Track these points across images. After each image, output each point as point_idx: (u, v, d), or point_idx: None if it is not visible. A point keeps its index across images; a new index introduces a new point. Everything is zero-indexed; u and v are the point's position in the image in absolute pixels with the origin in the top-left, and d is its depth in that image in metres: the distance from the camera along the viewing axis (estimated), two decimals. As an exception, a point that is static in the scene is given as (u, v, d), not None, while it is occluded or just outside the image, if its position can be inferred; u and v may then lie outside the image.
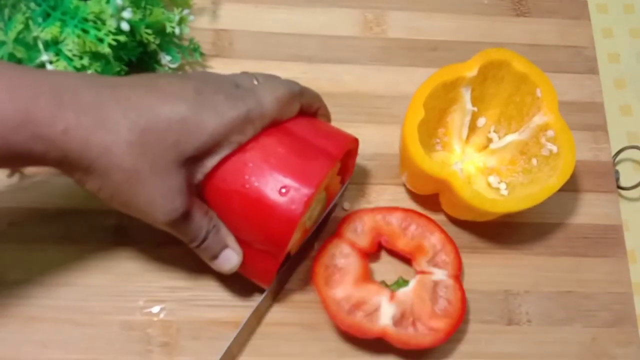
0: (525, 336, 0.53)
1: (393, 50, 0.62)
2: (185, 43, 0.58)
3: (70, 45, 0.50)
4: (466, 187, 0.49)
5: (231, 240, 0.46)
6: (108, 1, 0.50)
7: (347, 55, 0.61)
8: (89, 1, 0.51)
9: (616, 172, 0.59)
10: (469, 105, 0.54)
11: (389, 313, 0.49)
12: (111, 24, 0.50)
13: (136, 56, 0.55)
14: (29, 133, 0.38)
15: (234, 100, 0.43)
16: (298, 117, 0.47)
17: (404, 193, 0.56)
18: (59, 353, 0.49)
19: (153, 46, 0.55)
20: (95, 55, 0.51)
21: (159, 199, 0.42)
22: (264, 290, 0.50)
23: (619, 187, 0.58)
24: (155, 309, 0.51)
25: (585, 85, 0.62)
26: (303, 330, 0.51)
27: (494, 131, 0.56)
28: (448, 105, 0.54)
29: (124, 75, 0.54)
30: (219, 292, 0.52)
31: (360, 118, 0.58)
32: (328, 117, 0.52)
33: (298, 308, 0.52)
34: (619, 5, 0.67)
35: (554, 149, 0.51)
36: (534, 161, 0.53)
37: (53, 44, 0.50)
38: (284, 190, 0.43)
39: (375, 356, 0.50)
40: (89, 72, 0.47)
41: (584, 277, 0.55)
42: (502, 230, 0.56)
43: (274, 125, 0.46)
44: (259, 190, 0.43)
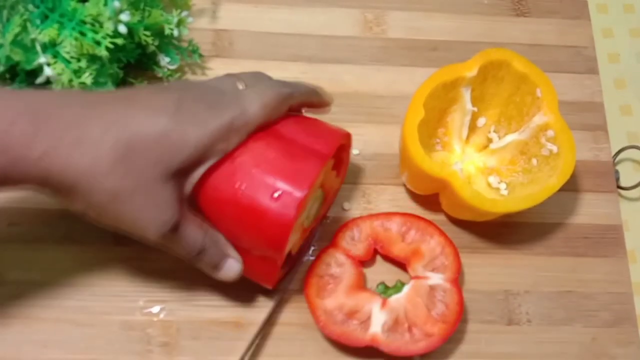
0: (525, 336, 0.53)
1: (393, 50, 0.62)
2: (184, 44, 0.58)
3: (67, 47, 0.50)
4: (466, 187, 0.49)
5: (231, 250, 0.46)
6: (106, 4, 0.50)
7: (347, 55, 0.61)
8: (87, 3, 0.51)
9: (616, 172, 0.59)
10: (469, 105, 0.54)
11: (379, 321, 0.49)
12: (109, 27, 0.50)
13: (135, 58, 0.55)
14: (6, 158, 0.37)
15: (216, 110, 0.42)
16: (287, 117, 0.47)
17: (404, 193, 0.56)
18: (59, 353, 0.49)
19: (152, 48, 0.55)
20: (92, 58, 0.51)
21: (147, 216, 0.41)
22: (264, 291, 0.50)
23: (619, 187, 0.58)
24: (155, 309, 0.51)
25: (585, 85, 0.62)
26: (303, 330, 0.51)
27: (494, 131, 0.56)
28: (448, 105, 0.54)
29: (122, 77, 0.54)
30: (219, 292, 0.52)
31: (360, 118, 0.58)
32: (328, 104, 0.51)
33: (298, 308, 0.52)
34: (619, 5, 0.67)
35: (554, 149, 0.51)
36: (534, 161, 0.53)
37: (51, 46, 0.50)
38: (275, 195, 0.43)
39: (375, 356, 0.50)
40: (67, 89, 0.45)
41: (584, 277, 0.55)
42: (502, 230, 0.56)
43: (261, 128, 0.45)
44: (251, 197, 0.43)
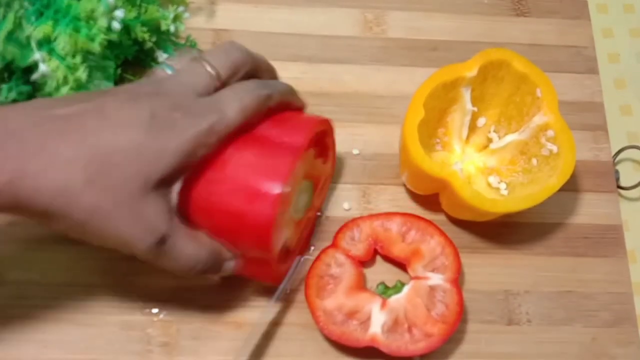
0: (525, 336, 0.53)
1: (393, 50, 0.61)
2: (182, 41, 0.58)
3: (62, 44, 0.49)
4: (466, 187, 0.49)
5: (225, 252, 0.45)
6: (100, 0, 0.50)
7: (347, 55, 0.61)
8: (81, 0, 0.50)
9: (616, 172, 0.59)
10: (469, 105, 0.54)
11: (379, 321, 0.49)
12: (103, 23, 0.50)
13: (132, 54, 0.55)
14: None
15: (194, 116, 0.41)
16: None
17: (404, 193, 0.56)
18: (59, 353, 0.49)
19: (149, 44, 0.55)
20: (87, 54, 0.50)
21: (131, 231, 0.40)
22: (264, 291, 0.50)
23: (619, 187, 0.58)
24: (155, 309, 0.51)
25: (585, 85, 0.62)
26: (303, 330, 0.51)
27: (494, 131, 0.56)
28: (448, 105, 0.54)
29: (119, 73, 0.54)
30: (219, 292, 0.52)
31: (360, 118, 0.58)
32: (303, 107, 0.50)
33: (298, 308, 0.51)
34: (619, 5, 0.67)
35: (554, 149, 0.51)
36: (534, 161, 0.53)
37: (46, 43, 0.50)
38: (252, 198, 0.42)
39: (375, 356, 0.50)
40: (33, 102, 0.42)
41: (584, 277, 0.55)
42: (502, 230, 0.55)
43: (237, 129, 0.43)
44: (228, 203, 0.42)
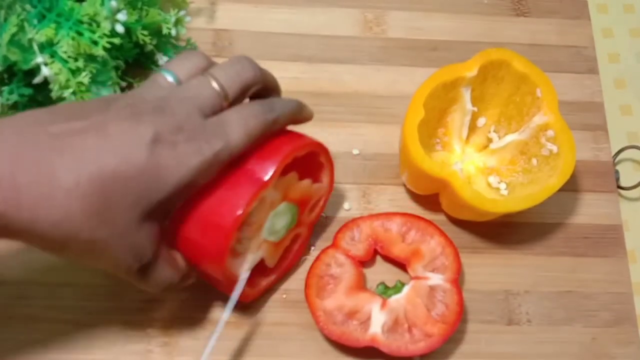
0: (525, 336, 0.53)
1: (393, 50, 0.61)
2: (183, 44, 0.58)
3: (64, 47, 0.49)
4: (466, 187, 0.49)
5: (192, 271, 0.46)
6: (103, 3, 0.50)
7: (347, 55, 0.61)
8: (84, 3, 0.50)
9: (616, 172, 0.59)
10: (469, 105, 0.54)
11: (379, 321, 0.49)
12: (106, 26, 0.50)
13: (133, 57, 0.55)
14: None
15: (197, 142, 0.39)
16: None
17: (404, 193, 0.56)
18: (59, 353, 0.49)
19: (150, 47, 0.55)
20: (90, 57, 0.51)
21: (122, 256, 0.39)
22: (264, 291, 0.50)
23: (619, 187, 0.58)
24: (155, 309, 0.51)
25: (585, 85, 0.62)
26: (303, 330, 0.51)
27: (494, 131, 0.56)
28: (448, 105, 0.54)
29: (120, 76, 0.54)
30: (218, 292, 0.51)
31: (360, 118, 0.58)
32: (309, 120, 0.48)
33: (298, 308, 0.51)
34: (619, 5, 0.67)
35: (554, 149, 0.51)
36: (534, 161, 0.53)
37: (48, 46, 0.50)
38: (206, 228, 0.42)
39: (375, 356, 0.50)
40: (28, 116, 0.38)
41: (584, 277, 0.55)
42: (502, 230, 0.55)
43: None
44: (189, 230, 0.42)
